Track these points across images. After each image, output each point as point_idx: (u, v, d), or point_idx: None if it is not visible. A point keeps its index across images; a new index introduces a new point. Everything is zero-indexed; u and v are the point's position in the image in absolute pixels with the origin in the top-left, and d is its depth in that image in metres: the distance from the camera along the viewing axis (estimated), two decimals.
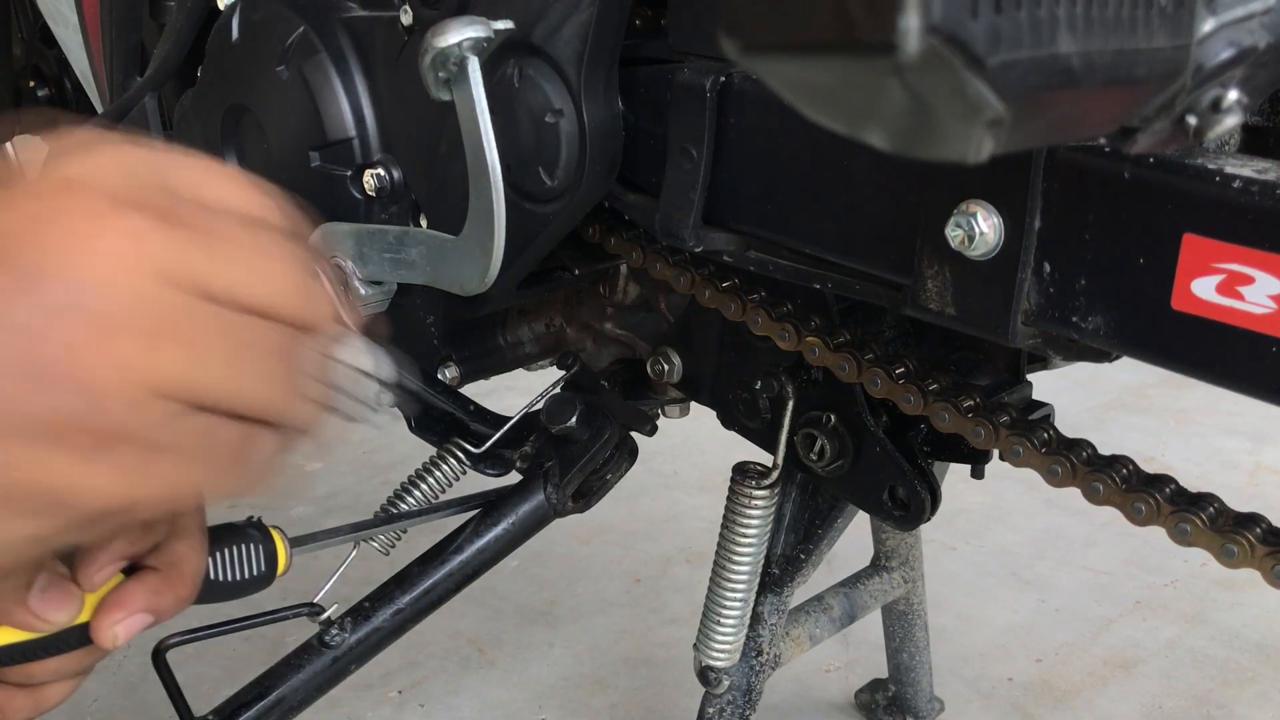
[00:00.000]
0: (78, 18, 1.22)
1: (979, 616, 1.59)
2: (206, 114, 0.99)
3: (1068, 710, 1.42)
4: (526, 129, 0.78)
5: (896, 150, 0.37)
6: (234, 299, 0.43)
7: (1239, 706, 1.43)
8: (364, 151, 0.90)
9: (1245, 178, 0.52)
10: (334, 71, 0.89)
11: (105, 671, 1.40)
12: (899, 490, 0.84)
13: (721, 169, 0.73)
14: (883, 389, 0.76)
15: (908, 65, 0.32)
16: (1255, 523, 0.65)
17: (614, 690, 1.41)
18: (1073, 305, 0.59)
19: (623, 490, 1.03)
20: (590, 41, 0.74)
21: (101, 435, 0.40)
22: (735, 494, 0.94)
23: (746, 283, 0.81)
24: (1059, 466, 0.70)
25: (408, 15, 0.84)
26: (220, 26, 0.96)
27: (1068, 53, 0.36)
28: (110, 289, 0.39)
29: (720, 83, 0.71)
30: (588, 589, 1.61)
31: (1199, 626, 1.58)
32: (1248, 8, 0.45)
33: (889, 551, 1.22)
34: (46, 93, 1.67)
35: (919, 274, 0.63)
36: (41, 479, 0.40)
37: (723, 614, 0.97)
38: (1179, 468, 2.01)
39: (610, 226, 0.85)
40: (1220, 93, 0.46)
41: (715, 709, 1.01)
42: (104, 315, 0.39)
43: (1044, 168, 0.58)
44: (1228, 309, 0.53)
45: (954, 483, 1.02)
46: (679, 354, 0.93)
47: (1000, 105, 0.34)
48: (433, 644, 1.46)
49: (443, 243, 0.82)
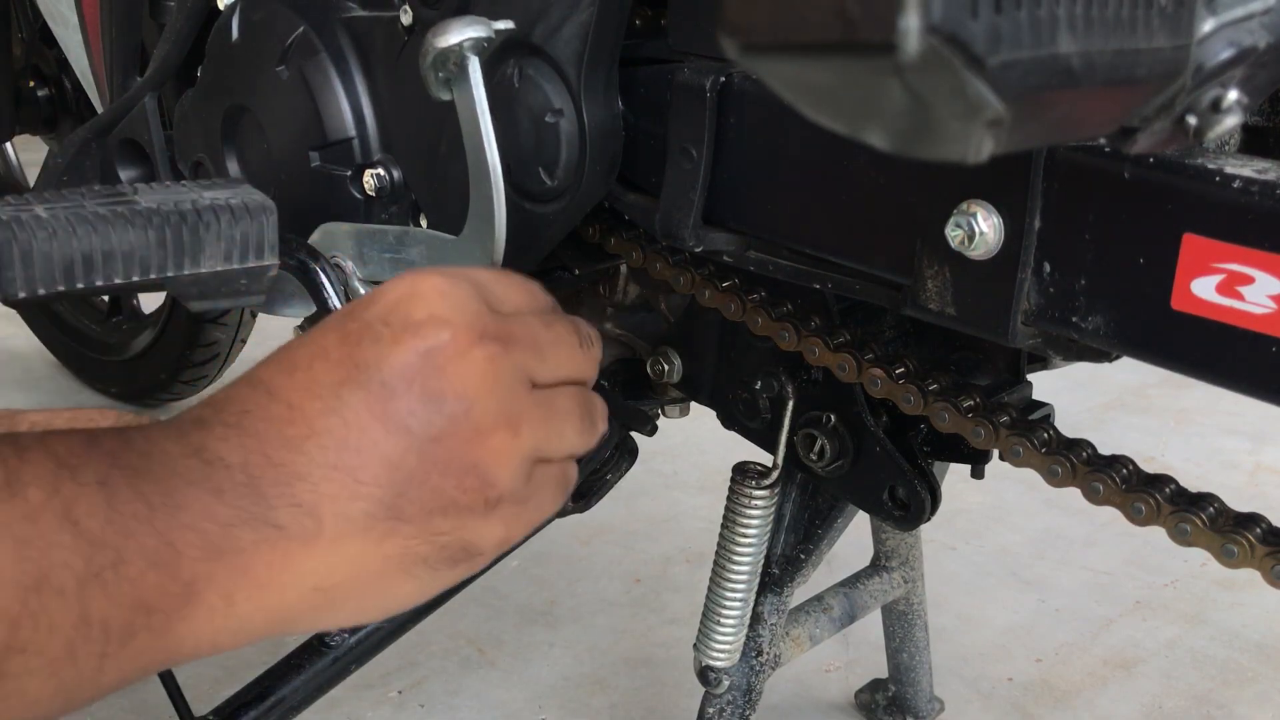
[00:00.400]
0: (78, 18, 1.22)
1: (979, 616, 1.59)
2: (206, 114, 0.99)
3: (1068, 710, 1.42)
4: (526, 129, 0.78)
5: (896, 150, 0.37)
6: (551, 380, 0.58)
7: (1239, 706, 1.43)
8: (364, 151, 0.90)
9: (1245, 178, 0.52)
10: (334, 71, 0.89)
11: None
12: (899, 490, 0.84)
13: (721, 169, 0.73)
14: (883, 389, 0.76)
15: (908, 65, 0.32)
16: (1255, 523, 0.65)
17: (614, 690, 1.41)
18: (1073, 305, 0.59)
19: (623, 490, 1.03)
20: (590, 41, 0.74)
21: (492, 501, 0.55)
22: (735, 494, 0.94)
23: (746, 283, 0.81)
24: (1059, 466, 0.70)
25: (408, 15, 0.84)
26: (220, 26, 0.96)
27: (1068, 53, 0.36)
28: (485, 401, 0.54)
29: (720, 83, 0.71)
30: (588, 589, 1.61)
31: (1199, 626, 1.58)
32: (1248, 8, 0.45)
33: (889, 551, 1.21)
34: (46, 93, 1.67)
35: (919, 274, 0.64)
36: (459, 539, 0.55)
37: (723, 614, 0.97)
38: (1179, 468, 2.01)
39: (610, 226, 0.85)
40: (1220, 93, 0.46)
41: (715, 709, 1.01)
42: (484, 420, 0.54)
43: (1044, 168, 0.58)
44: (1228, 309, 0.53)
45: (954, 483, 1.02)
46: (679, 354, 0.93)
47: (1000, 105, 0.34)
48: (433, 644, 1.46)
49: (443, 243, 0.82)
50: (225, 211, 0.74)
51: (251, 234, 0.75)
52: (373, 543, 0.52)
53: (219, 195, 0.75)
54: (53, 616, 0.45)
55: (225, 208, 0.74)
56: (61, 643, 0.45)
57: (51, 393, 2.06)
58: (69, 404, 1.98)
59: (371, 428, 0.52)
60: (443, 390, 0.53)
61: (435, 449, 0.53)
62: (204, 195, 0.75)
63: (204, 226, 0.73)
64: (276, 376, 0.54)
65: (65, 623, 0.45)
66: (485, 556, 0.57)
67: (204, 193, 0.75)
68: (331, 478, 0.51)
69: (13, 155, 2.04)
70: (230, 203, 0.74)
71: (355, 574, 0.53)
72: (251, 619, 0.51)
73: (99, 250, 0.70)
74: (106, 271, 0.70)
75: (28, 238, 0.68)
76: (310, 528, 0.51)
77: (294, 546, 0.51)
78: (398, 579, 0.54)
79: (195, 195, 0.75)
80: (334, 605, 0.54)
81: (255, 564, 0.50)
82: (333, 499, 0.51)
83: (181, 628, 0.49)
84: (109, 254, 0.70)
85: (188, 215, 0.73)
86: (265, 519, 0.50)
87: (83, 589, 0.45)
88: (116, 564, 0.46)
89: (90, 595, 0.46)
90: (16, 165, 2.05)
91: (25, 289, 0.68)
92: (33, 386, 2.09)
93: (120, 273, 0.71)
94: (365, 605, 0.55)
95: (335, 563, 0.52)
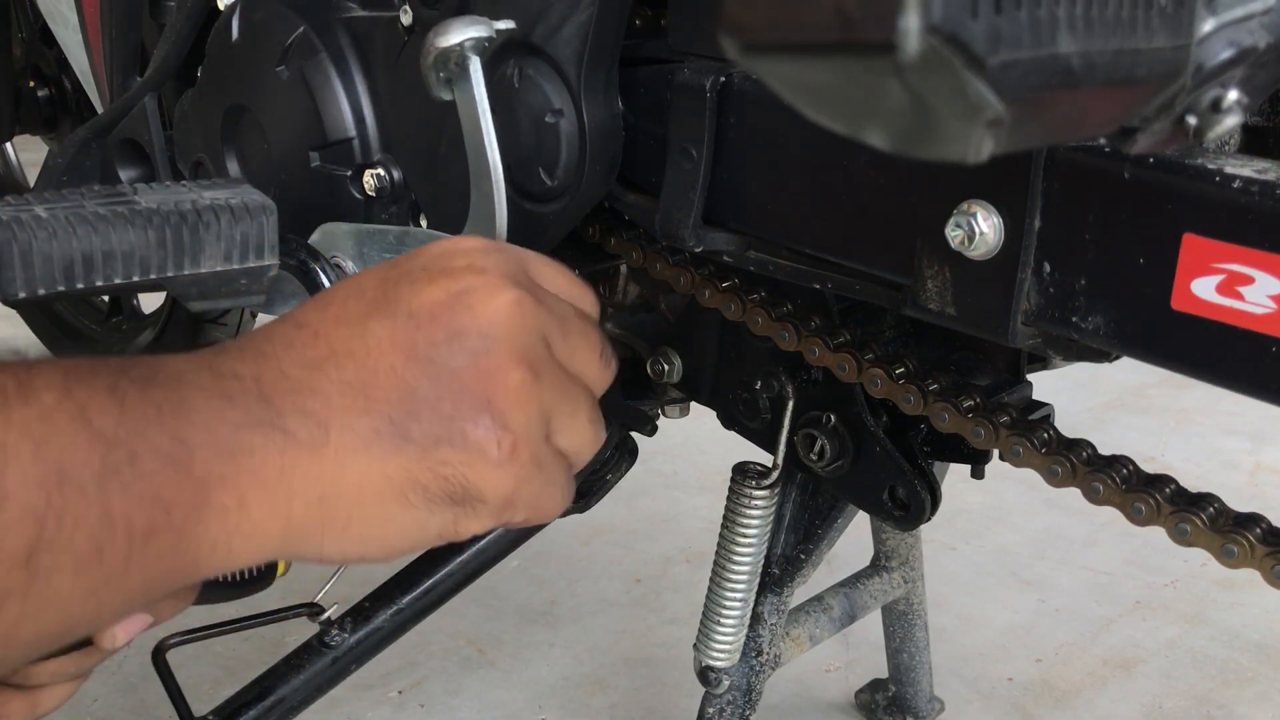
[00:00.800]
0: (78, 18, 1.22)
1: (979, 616, 1.59)
2: (206, 114, 0.99)
3: (1068, 710, 1.42)
4: (526, 129, 0.78)
5: (896, 150, 0.37)
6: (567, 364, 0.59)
7: (1239, 706, 1.43)
8: (364, 152, 0.90)
9: (1245, 178, 0.52)
10: (334, 72, 0.89)
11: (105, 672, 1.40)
12: (899, 490, 0.84)
13: (721, 169, 0.73)
14: (883, 389, 0.76)
15: (908, 65, 0.32)
16: (1255, 523, 0.65)
17: (614, 690, 1.41)
18: (1073, 305, 0.59)
19: (623, 490, 1.03)
20: (590, 41, 0.74)
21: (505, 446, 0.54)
22: (735, 494, 0.94)
23: (746, 283, 0.81)
24: (1059, 466, 0.70)
25: (408, 15, 0.84)
26: (220, 26, 0.96)
27: (1068, 53, 0.36)
28: (509, 342, 0.55)
29: (720, 83, 0.71)
30: (588, 589, 1.61)
31: (1199, 626, 1.58)
32: (1248, 8, 0.45)
33: (889, 551, 1.22)
34: (46, 93, 1.67)
35: (919, 274, 0.63)
36: (463, 475, 0.54)
37: (723, 614, 0.97)
38: (1179, 468, 2.01)
39: (610, 226, 0.85)
40: (1220, 93, 0.46)
41: (715, 709, 1.01)
42: (505, 360, 0.55)
43: (1044, 168, 0.58)
44: (1228, 309, 0.53)
45: (954, 483, 1.02)
46: (679, 354, 0.93)
47: (1000, 105, 0.34)
48: (433, 644, 1.46)
49: None
50: (225, 211, 0.74)
51: (251, 234, 0.75)
52: (376, 459, 0.53)
53: (219, 195, 0.75)
54: (76, 512, 0.46)
55: (225, 208, 0.74)
56: (86, 539, 0.46)
57: None
58: None
59: (391, 354, 0.54)
60: (467, 327, 0.55)
61: (452, 380, 0.54)
62: (204, 195, 0.75)
63: (204, 226, 0.73)
64: (310, 311, 0.56)
65: (88, 519, 0.46)
66: (486, 508, 0.56)
67: (204, 193, 0.75)
68: (344, 393, 0.53)
69: (13, 155, 2.04)
70: (230, 203, 0.74)
71: (357, 490, 0.53)
72: (264, 526, 0.52)
73: (99, 250, 0.70)
74: (106, 271, 0.70)
75: (28, 238, 0.68)
76: (318, 436, 0.52)
77: (301, 454, 0.52)
78: (397, 504, 0.54)
79: (195, 195, 0.75)
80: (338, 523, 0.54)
81: (264, 467, 0.51)
82: (343, 411, 0.53)
83: (199, 530, 0.50)
84: (109, 254, 0.70)
85: (188, 215, 0.73)
86: (274, 424, 0.51)
87: (102, 485, 0.46)
88: (131, 460, 0.47)
89: (110, 491, 0.47)
90: (16, 165, 2.05)
91: (25, 289, 0.68)
92: None
93: (120, 273, 0.71)
94: (367, 531, 0.55)
95: (339, 474, 0.53)
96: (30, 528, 0.45)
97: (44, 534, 0.45)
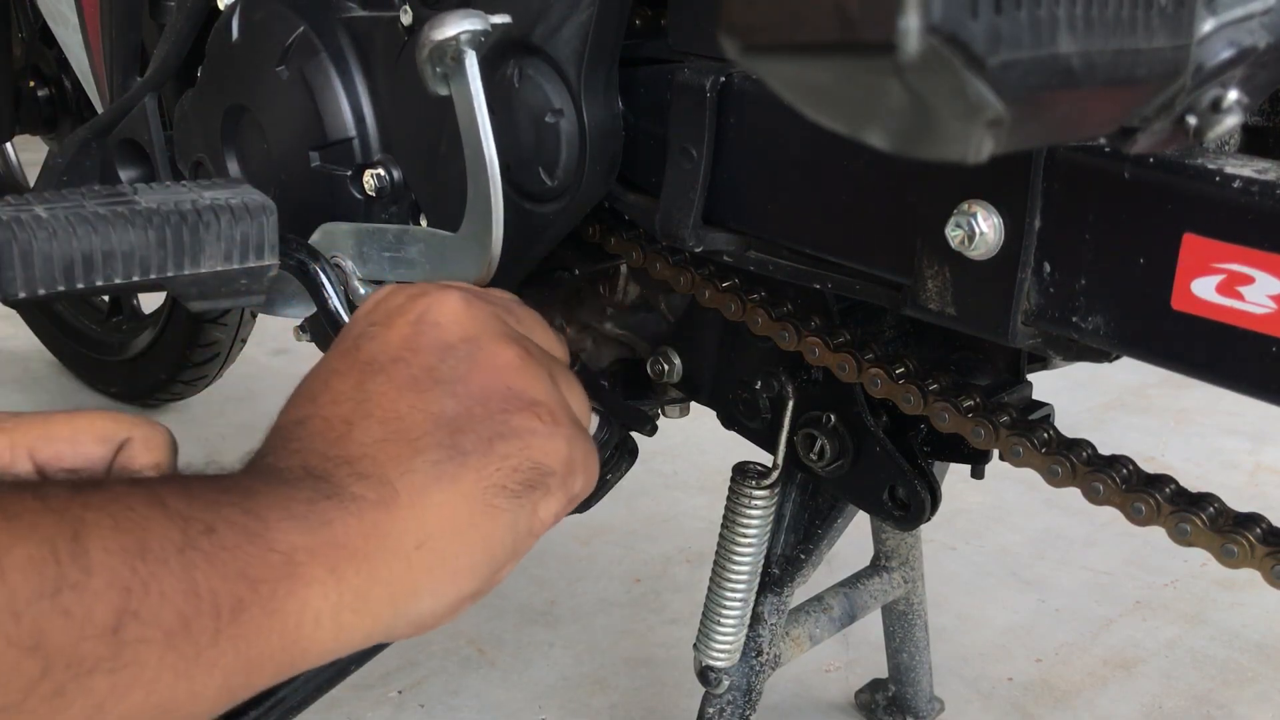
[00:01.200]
0: (78, 18, 1.22)
1: (979, 616, 1.59)
2: (206, 114, 0.99)
3: (1068, 710, 1.42)
4: (526, 129, 0.78)
5: (896, 150, 0.37)
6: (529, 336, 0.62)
7: (1239, 706, 1.43)
8: (364, 151, 0.90)
9: (1245, 178, 0.52)
10: (334, 71, 0.89)
11: None
12: (899, 490, 0.84)
13: (721, 169, 0.73)
14: (883, 389, 0.76)
15: (908, 65, 0.32)
16: (1255, 523, 0.65)
17: (614, 690, 1.41)
18: (1073, 305, 0.59)
19: (623, 490, 1.02)
20: (590, 41, 0.74)
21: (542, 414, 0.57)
22: (735, 494, 0.94)
23: (746, 283, 0.81)
24: (1059, 466, 0.70)
25: (408, 15, 0.84)
26: (220, 26, 0.96)
27: (1068, 53, 0.36)
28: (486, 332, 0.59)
29: (720, 83, 0.71)
30: (588, 589, 1.61)
31: (1199, 626, 1.58)
32: (1248, 8, 0.45)
33: (889, 551, 1.21)
34: (46, 93, 1.67)
35: (919, 274, 0.63)
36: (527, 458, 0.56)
37: (723, 614, 0.97)
38: (1179, 468, 2.01)
39: (610, 226, 0.85)
40: (1220, 93, 0.46)
41: (715, 709, 1.00)
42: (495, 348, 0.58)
43: (1044, 168, 0.58)
44: (1228, 309, 0.53)
45: (954, 483, 1.02)
46: (679, 354, 0.93)
47: (1000, 105, 0.34)
48: (433, 644, 1.46)
49: (441, 240, 0.82)
50: (225, 211, 0.74)
51: (251, 234, 0.75)
52: (448, 485, 0.54)
53: (219, 195, 0.75)
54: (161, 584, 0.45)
55: (225, 208, 0.74)
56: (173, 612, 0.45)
57: (52, 393, 2.06)
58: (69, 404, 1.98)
59: (401, 398, 0.56)
60: (446, 339, 0.58)
61: (467, 388, 0.57)
62: (204, 195, 0.75)
63: (204, 226, 0.73)
64: (301, 408, 0.57)
65: (174, 591, 0.46)
66: (558, 477, 0.58)
67: (204, 193, 0.75)
68: (385, 449, 0.54)
69: (13, 155, 2.04)
70: (230, 203, 0.74)
71: (447, 523, 0.54)
72: (369, 595, 0.51)
73: (99, 250, 0.70)
74: (106, 271, 0.70)
75: (28, 238, 0.68)
76: (385, 492, 0.53)
77: (379, 513, 0.52)
78: (486, 516, 0.55)
79: (195, 195, 0.75)
80: (443, 562, 0.54)
81: (348, 534, 0.51)
82: (395, 462, 0.54)
83: (290, 604, 0.49)
84: (109, 254, 0.70)
85: (188, 215, 0.73)
86: (340, 494, 0.52)
87: (184, 557, 0.46)
88: (209, 532, 0.47)
89: (193, 563, 0.46)
90: (16, 165, 2.05)
91: (25, 289, 0.68)
92: (33, 386, 2.09)
93: (120, 273, 0.71)
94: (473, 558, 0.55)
95: (424, 516, 0.53)
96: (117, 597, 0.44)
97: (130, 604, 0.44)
